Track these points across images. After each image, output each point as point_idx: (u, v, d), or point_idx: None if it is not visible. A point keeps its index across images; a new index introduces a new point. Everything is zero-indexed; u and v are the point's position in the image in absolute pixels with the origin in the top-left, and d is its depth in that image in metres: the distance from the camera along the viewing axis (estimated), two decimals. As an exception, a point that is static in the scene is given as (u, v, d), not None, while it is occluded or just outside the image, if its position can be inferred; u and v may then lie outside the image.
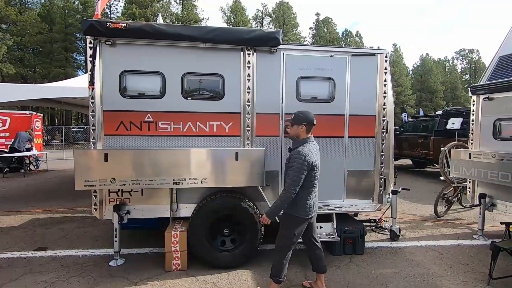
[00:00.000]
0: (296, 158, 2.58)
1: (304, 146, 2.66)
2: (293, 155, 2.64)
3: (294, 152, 2.66)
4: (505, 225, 3.41)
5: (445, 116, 9.56)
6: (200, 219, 3.36)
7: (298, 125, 2.73)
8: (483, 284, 3.15)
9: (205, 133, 3.55)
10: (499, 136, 4.29)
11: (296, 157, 2.59)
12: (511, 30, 4.63)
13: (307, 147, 2.66)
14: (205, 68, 3.52)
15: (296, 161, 2.57)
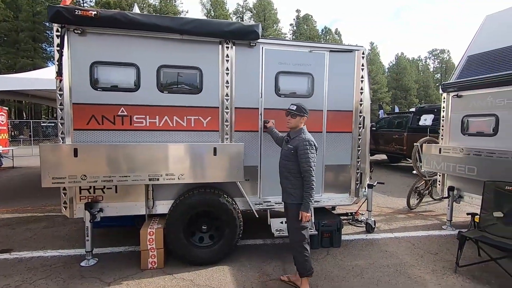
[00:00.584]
0: (307, 145, 2.73)
1: (305, 134, 2.84)
2: (302, 143, 2.74)
3: (301, 140, 2.77)
4: (471, 216, 3.60)
5: (418, 113, 9.97)
6: (178, 216, 3.28)
7: (301, 117, 2.88)
8: (451, 272, 3.32)
9: (183, 128, 3.46)
10: (467, 132, 4.52)
11: (306, 144, 2.73)
12: (478, 31, 4.87)
13: (307, 133, 2.86)
14: (182, 60, 3.42)
15: (309, 148, 2.72)
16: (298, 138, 2.82)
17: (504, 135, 3.97)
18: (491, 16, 4.80)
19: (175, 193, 3.50)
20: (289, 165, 2.83)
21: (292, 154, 2.79)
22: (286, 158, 2.87)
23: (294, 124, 2.90)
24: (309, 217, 2.72)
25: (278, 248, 3.86)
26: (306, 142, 2.74)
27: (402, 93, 44.37)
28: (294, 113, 2.87)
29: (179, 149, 3.25)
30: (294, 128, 2.91)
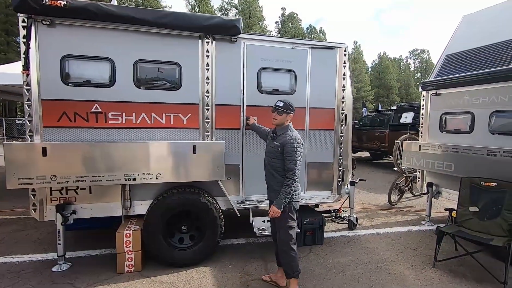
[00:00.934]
0: (294, 143, 2.64)
1: (292, 131, 2.77)
2: (289, 141, 2.66)
3: (288, 138, 2.68)
4: (448, 211, 3.69)
5: (399, 111, 10.19)
6: (156, 217, 3.16)
7: (287, 114, 2.81)
8: (429, 267, 3.39)
9: (161, 126, 3.33)
10: (445, 129, 4.63)
11: (293, 142, 2.64)
12: (456, 31, 4.99)
13: (294, 131, 2.79)
14: (160, 55, 3.29)
15: (295, 146, 2.63)
16: (285, 135, 2.74)
17: (479, 132, 4.08)
18: (468, 16, 4.93)
19: (154, 193, 3.37)
20: (275, 162, 2.75)
21: (279, 152, 2.71)
22: (272, 155, 2.78)
23: (280, 121, 2.81)
24: (277, 213, 2.63)
25: (261, 247, 3.81)
26: (294, 140, 2.66)
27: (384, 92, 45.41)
28: (281, 110, 2.79)
29: (156, 148, 3.12)
30: (280, 125, 2.84)
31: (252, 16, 38.74)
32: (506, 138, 3.76)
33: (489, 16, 4.54)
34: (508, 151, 3.50)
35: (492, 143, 3.86)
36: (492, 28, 4.32)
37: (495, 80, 3.87)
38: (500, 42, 4.04)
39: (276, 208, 2.62)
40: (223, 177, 3.33)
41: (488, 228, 3.33)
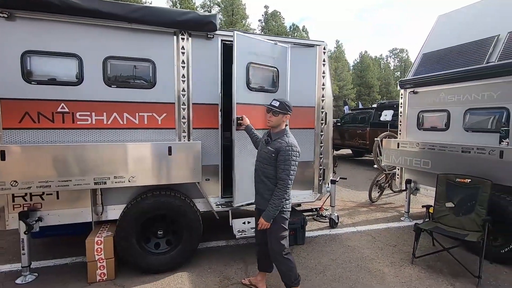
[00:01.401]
0: (289, 150, 2.40)
1: (289, 137, 2.51)
2: (285, 147, 2.41)
3: (284, 144, 2.43)
4: (426, 208, 3.75)
5: (379, 108, 10.38)
6: (129, 222, 3.01)
7: (284, 115, 2.54)
8: (408, 263, 3.43)
9: (135, 126, 3.18)
10: (422, 127, 4.71)
11: (289, 149, 2.40)
12: (432, 30, 5.08)
13: (292, 136, 2.54)
14: (132, 52, 3.12)
15: (291, 154, 2.40)
16: (280, 140, 2.47)
17: (454, 129, 4.18)
18: (443, 16, 5.03)
19: (129, 196, 3.22)
20: (267, 169, 2.51)
21: (272, 158, 2.47)
22: (264, 161, 2.53)
23: (275, 122, 2.53)
24: (266, 226, 2.46)
25: (242, 249, 3.73)
26: (290, 147, 2.40)
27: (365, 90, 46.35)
28: (277, 110, 2.50)
29: (128, 149, 2.97)
30: (276, 128, 2.56)
31: (235, 14, 38.41)
32: (479, 135, 3.86)
33: (464, 16, 4.65)
34: (481, 148, 3.58)
35: (467, 140, 3.95)
36: (467, 27, 4.42)
37: (469, 78, 3.97)
38: (474, 41, 4.14)
39: (264, 221, 2.45)
40: (200, 179, 3.22)
41: (463, 224, 3.40)
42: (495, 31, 3.93)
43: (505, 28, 3.83)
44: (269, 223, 2.46)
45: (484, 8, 4.36)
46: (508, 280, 3.09)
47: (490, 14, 4.21)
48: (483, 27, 4.14)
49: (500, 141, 3.50)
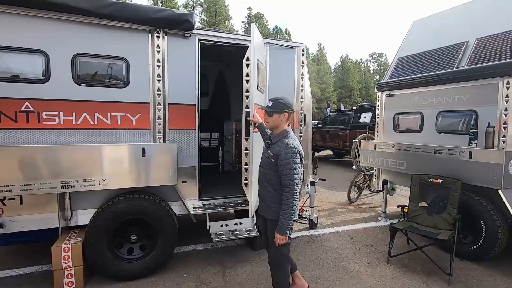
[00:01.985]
0: (289, 153, 2.24)
1: (289, 138, 2.33)
2: (284, 151, 2.25)
3: (283, 147, 2.27)
4: (401, 208, 3.84)
5: (359, 110, 10.61)
6: (100, 227, 2.87)
7: (279, 114, 2.35)
8: (383, 263, 3.49)
9: (107, 126, 3.04)
10: (398, 129, 4.84)
11: (290, 152, 2.24)
12: (407, 35, 5.24)
13: (292, 138, 2.36)
14: (104, 49, 2.99)
15: (290, 156, 2.23)
16: (279, 143, 2.32)
17: (428, 131, 4.32)
18: (418, 21, 5.20)
19: (100, 200, 3.07)
20: (269, 175, 2.36)
21: (273, 163, 2.31)
22: (266, 166, 2.39)
23: (272, 123, 2.39)
24: (284, 240, 2.27)
25: (220, 253, 3.66)
26: (289, 149, 2.24)
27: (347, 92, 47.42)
28: (270, 110, 2.36)
29: (98, 151, 2.84)
30: (276, 129, 2.41)
31: (218, 15, 38.21)
32: (450, 136, 4.00)
33: (437, 22, 4.82)
34: (452, 149, 3.71)
35: (439, 142, 4.09)
36: (439, 33, 4.59)
37: (440, 82, 4.11)
38: (446, 47, 4.30)
39: (280, 236, 2.26)
40: (176, 181, 3.12)
41: (436, 223, 3.50)
42: (464, 37, 4.11)
43: (474, 35, 4.00)
44: (286, 236, 2.27)
45: (455, 15, 4.55)
46: (476, 276, 3.21)
47: (460, 21, 4.39)
48: (454, 33, 4.32)
49: (469, 143, 3.64)
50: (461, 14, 4.46)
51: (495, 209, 3.35)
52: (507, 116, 3.40)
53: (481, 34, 3.91)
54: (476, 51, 3.88)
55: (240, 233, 3.48)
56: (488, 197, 3.43)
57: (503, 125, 3.43)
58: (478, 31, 3.97)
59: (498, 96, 3.49)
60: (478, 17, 4.14)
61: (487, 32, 3.86)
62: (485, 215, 3.37)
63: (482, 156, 3.41)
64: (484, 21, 4.01)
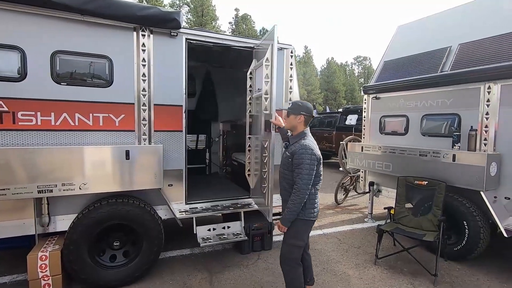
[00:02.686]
0: (303, 153, 2.27)
1: (306, 139, 2.38)
2: (298, 150, 2.30)
3: (298, 147, 2.33)
4: (387, 209, 3.88)
5: (344, 113, 10.76)
6: (81, 233, 2.72)
7: (296, 115, 2.44)
8: (371, 264, 3.51)
9: (88, 128, 2.90)
10: (384, 131, 4.90)
11: (303, 152, 2.28)
12: (392, 40, 5.34)
13: (309, 139, 2.40)
14: (86, 47, 2.86)
15: (304, 157, 2.26)
16: (296, 144, 2.39)
17: (413, 134, 4.40)
18: (402, 26, 5.31)
19: (81, 205, 2.93)
20: (288, 175, 2.42)
21: (289, 163, 2.38)
22: (284, 166, 2.46)
23: (289, 124, 2.51)
24: (283, 229, 2.38)
25: (207, 258, 3.58)
26: (303, 149, 2.29)
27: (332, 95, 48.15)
28: (288, 111, 2.48)
29: (79, 153, 2.70)
30: (293, 131, 2.51)
31: (205, 15, 37.92)
32: (434, 139, 4.09)
33: (421, 27, 4.93)
34: (436, 151, 3.79)
35: (424, 144, 4.17)
36: (423, 38, 4.69)
37: (425, 86, 4.20)
38: (430, 51, 4.40)
39: (281, 225, 2.37)
40: (162, 185, 3.02)
41: (421, 224, 3.56)
42: (448, 42, 4.21)
43: (456, 40, 4.11)
44: (285, 226, 2.36)
45: (438, 20, 4.66)
46: (460, 276, 3.28)
47: (443, 26, 4.51)
48: (437, 38, 4.42)
49: (452, 145, 3.72)
50: (444, 20, 4.57)
51: (477, 210, 3.44)
52: (488, 120, 3.50)
53: (464, 39, 4.03)
54: (458, 56, 3.99)
55: (228, 237, 3.42)
56: (471, 199, 3.52)
57: (484, 128, 3.53)
58: (461, 37, 4.08)
59: (479, 100, 3.59)
60: (460, 23, 4.26)
61: (469, 38, 3.98)
62: (468, 216, 3.45)
63: (465, 158, 3.50)
64: (466, 27, 4.13)
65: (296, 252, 2.44)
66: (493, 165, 3.33)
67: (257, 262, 3.50)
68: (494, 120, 3.46)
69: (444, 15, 4.60)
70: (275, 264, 3.45)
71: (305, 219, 2.39)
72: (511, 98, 3.33)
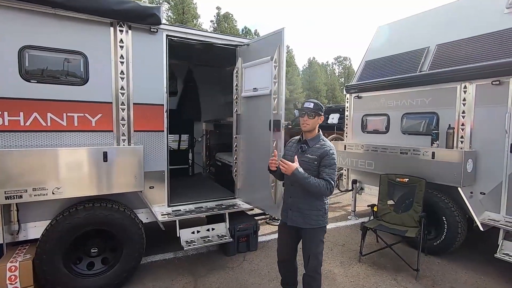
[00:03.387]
0: (334, 154, 2.25)
1: (326, 140, 2.35)
2: (329, 151, 2.23)
3: (327, 147, 2.25)
4: (370, 207, 3.94)
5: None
6: (54, 241, 2.55)
7: (319, 116, 2.31)
8: (356, 262, 3.55)
9: (62, 128, 2.73)
10: (366, 130, 4.98)
11: (333, 153, 2.25)
12: (373, 40, 5.44)
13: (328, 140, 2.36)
14: (58, 42, 2.69)
15: (335, 158, 2.26)
16: (321, 145, 2.27)
17: (394, 132, 4.49)
18: (383, 27, 5.42)
19: (55, 211, 2.75)
20: None
21: (315, 166, 2.23)
22: (306, 171, 2.22)
23: (312, 125, 2.30)
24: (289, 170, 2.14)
25: (191, 261, 3.48)
26: (334, 150, 2.25)
27: (314, 94, 48.82)
28: (312, 112, 2.26)
29: (52, 155, 2.53)
30: (311, 132, 2.33)
31: (186, 12, 37.25)
32: (414, 137, 4.20)
33: (401, 27, 5.05)
34: (416, 149, 3.89)
35: (404, 143, 4.27)
36: (403, 38, 4.81)
37: (404, 85, 4.30)
38: (409, 51, 4.51)
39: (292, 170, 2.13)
40: (142, 187, 2.90)
41: (403, 220, 3.64)
42: (426, 43, 4.33)
43: (434, 41, 4.24)
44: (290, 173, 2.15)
45: (417, 21, 4.79)
46: (440, 270, 3.38)
47: (422, 27, 4.63)
48: (416, 39, 4.54)
49: (431, 143, 3.83)
50: (422, 21, 4.70)
51: (455, 206, 3.56)
52: (464, 118, 3.63)
53: (441, 40, 4.15)
54: (436, 56, 4.11)
55: (213, 240, 3.34)
56: (449, 195, 3.63)
57: (461, 126, 3.66)
58: (438, 38, 4.21)
59: (456, 99, 3.71)
60: (438, 24, 4.40)
61: (446, 38, 4.11)
62: (446, 212, 3.57)
63: (443, 156, 3.61)
64: (443, 28, 4.27)
65: (321, 258, 2.36)
66: (469, 162, 3.46)
67: (243, 263, 3.45)
68: (470, 119, 3.59)
69: (422, 16, 4.73)
70: (260, 265, 3.41)
71: (324, 226, 2.36)
72: (485, 97, 3.47)
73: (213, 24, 44.22)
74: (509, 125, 3.26)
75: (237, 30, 43.87)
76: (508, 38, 3.44)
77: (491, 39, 3.59)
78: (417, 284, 3.09)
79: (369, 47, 5.40)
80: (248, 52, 3.61)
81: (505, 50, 3.39)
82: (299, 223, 2.31)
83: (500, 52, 3.43)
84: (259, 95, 3.37)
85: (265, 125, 3.30)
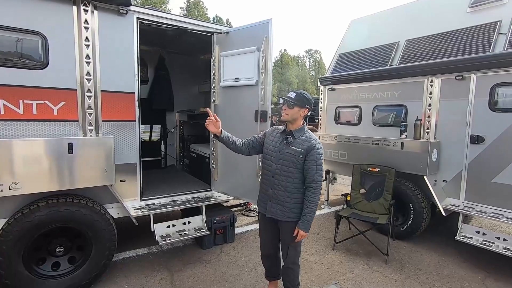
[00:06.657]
0: (320, 148, 2.19)
1: (311, 133, 2.27)
2: (316, 145, 2.16)
3: (313, 142, 2.17)
4: (344, 196, 4.07)
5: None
6: (12, 242, 2.31)
7: (300, 108, 2.21)
8: (330, 249, 3.66)
9: (18, 117, 2.46)
10: (339, 121, 5.12)
11: (319, 147, 2.19)
12: (346, 33, 5.54)
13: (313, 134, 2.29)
14: (11, 20, 2.39)
15: (321, 152, 2.20)
16: (307, 138, 2.20)
17: (365, 124, 4.65)
18: (356, 20, 5.53)
19: (13, 208, 2.49)
20: (293, 173, 2.19)
21: (300, 159, 2.17)
22: (289, 164, 2.19)
23: (291, 116, 2.21)
24: (306, 236, 2.24)
25: (166, 256, 3.37)
26: (319, 145, 2.19)
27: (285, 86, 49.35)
28: (292, 102, 2.19)
29: (6, 147, 2.26)
30: (293, 124, 2.25)
31: (153, -3, 35.41)
32: (385, 129, 4.38)
33: (373, 22, 5.19)
34: (386, 140, 4.07)
35: (375, 134, 4.45)
36: (375, 32, 4.95)
37: (375, 78, 4.45)
38: (381, 45, 4.66)
39: (304, 233, 2.19)
40: (113, 181, 2.71)
41: (374, 208, 3.81)
42: (396, 38, 4.50)
43: (404, 36, 4.41)
44: (307, 233, 2.23)
45: (389, 17, 4.94)
46: (407, 253, 3.60)
47: (393, 22, 4.79)
48: (387, 33, 4.70)
49: (400, 134, 4.02)
50: (393, 16, 4.86)
51: (421, 193, 3.80)
52: (430, 111, 3.84)
53: (410, 36, 4.33)
54: (406, 51, 4.29)
55: (189, 233, 3.25)
56: (416, 183, 3.86)
57: (427, 118, 3.87)
58: (407, 33, 4.39)
59: (423, 92, 3.92)
60: (407, 20, 4.57)
61: (414, 34, 4.29)
62: (413, 199, 3.79)
63: (411, 146, 3.81)
64: (411, 24, 4.45)
65: (299, 250, 2.40)
66: (434, 152, 3.68)
67: (220, 256, 3.41)
68: (435, 111, 3.81)
69: (393, 12, 4.89)
70: (238, 256, 3.40)
71: None
72: (449, 91, 3.70)
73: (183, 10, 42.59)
74: (470, 117, 3.51)
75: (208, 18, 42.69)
76: (470, 36, 3.67)
77: (455, 36, 3.81)
78: (387, 267, 3.27)
79: (342, 40, 5.49)
80: (227, 41, 3.49)
81: (468, 47, 3.62)
82: (278, 215, 2.28)
83: (463, 48, 3.65)
84: (242, 85, 3.29)
85: (248, 115, 3.24)
